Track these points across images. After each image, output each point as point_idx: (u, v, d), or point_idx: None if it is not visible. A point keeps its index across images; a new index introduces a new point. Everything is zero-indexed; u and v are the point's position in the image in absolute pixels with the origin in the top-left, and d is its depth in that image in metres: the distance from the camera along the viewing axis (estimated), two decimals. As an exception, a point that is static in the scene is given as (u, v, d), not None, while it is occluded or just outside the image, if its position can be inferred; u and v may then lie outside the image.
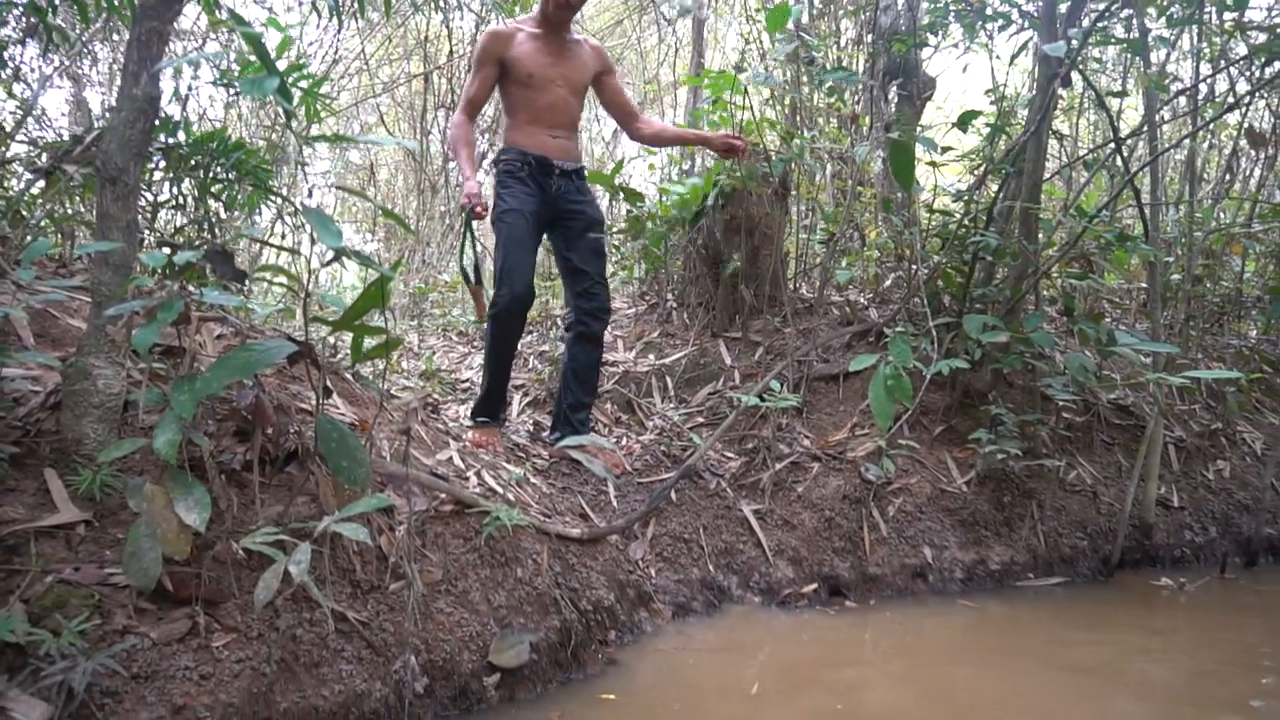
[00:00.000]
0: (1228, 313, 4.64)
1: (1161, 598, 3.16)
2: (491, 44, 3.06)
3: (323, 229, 1.50)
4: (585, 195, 3.21)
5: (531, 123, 3.10)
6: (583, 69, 3.16)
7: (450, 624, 2.16)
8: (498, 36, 3.05)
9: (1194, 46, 4.05)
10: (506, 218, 3.03)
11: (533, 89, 3.07)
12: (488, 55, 3.06)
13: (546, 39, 3.09)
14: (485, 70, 3.06)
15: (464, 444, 2.91)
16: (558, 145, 3.12)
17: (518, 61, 3.05)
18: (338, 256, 1.66)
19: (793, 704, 2.21)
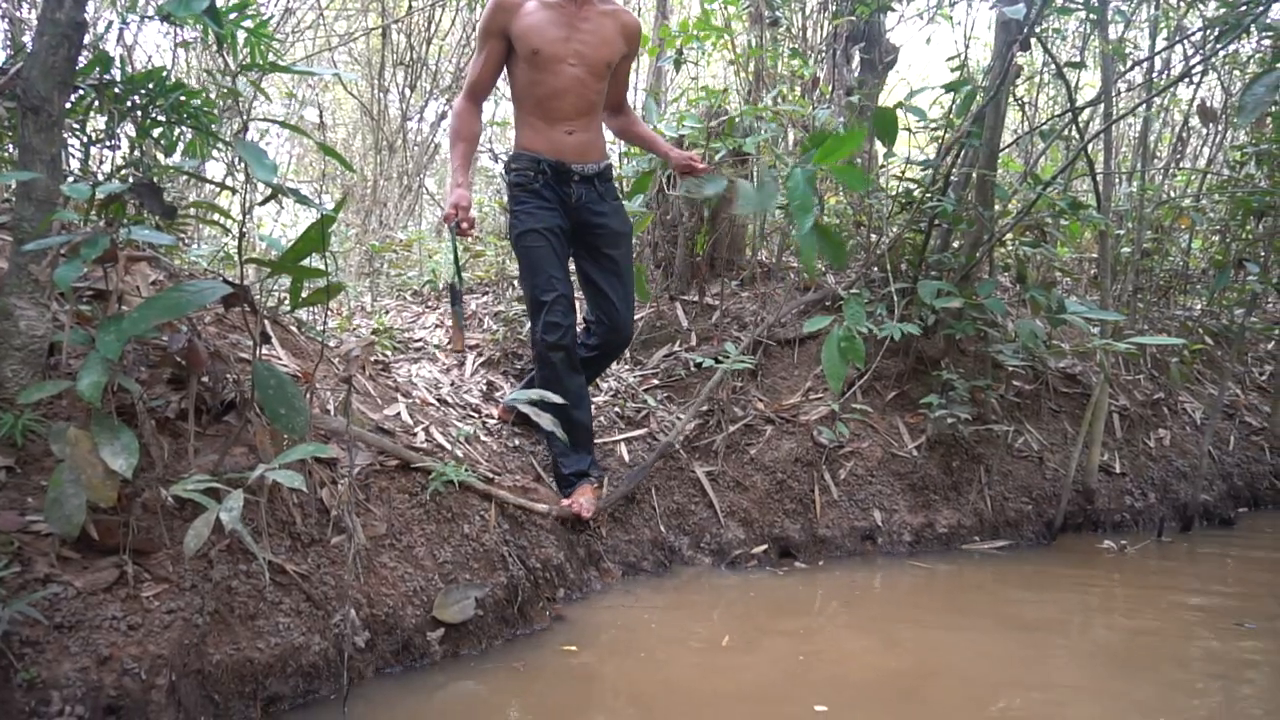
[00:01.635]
0: (1174, 286, 4.73)
1: (1102, 560, 3.23)
2: (495, 14, 2.62)
3: (257, 163, 1.44)
4: (610, 203, 2.82)
5: (539, 114, 2.69)
6: (605, 45, 2.69)
7: (394, 578, 2.12)
8: (502, 8, 2.60)
9: (1150, 18, 4.08)
10: (527, 240, 2.66)
11: (539, 69, 2.63)
12: (492, 28, 2.64)
13: (563, 7, 2.63)
14: (489, 46, 2.65)
15: (413, 401, 2.86)
16: (574, 144, 2.71)
17: (524, 34, 2.60)
18: (274, 194, 1.59)
19: (756, 654, 2.24)
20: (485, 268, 4.64)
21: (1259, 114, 1.88)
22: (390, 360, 3.53)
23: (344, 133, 10.57)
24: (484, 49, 2.69)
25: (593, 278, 2.83)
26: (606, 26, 2.70)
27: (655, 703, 1.97)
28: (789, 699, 1.96)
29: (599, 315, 2.86)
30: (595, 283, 2.83)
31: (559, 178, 2.72)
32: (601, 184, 2.79)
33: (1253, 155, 4.17)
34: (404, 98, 7.80)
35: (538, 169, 2.70)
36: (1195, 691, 2.02)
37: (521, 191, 2.70)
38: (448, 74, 8.04)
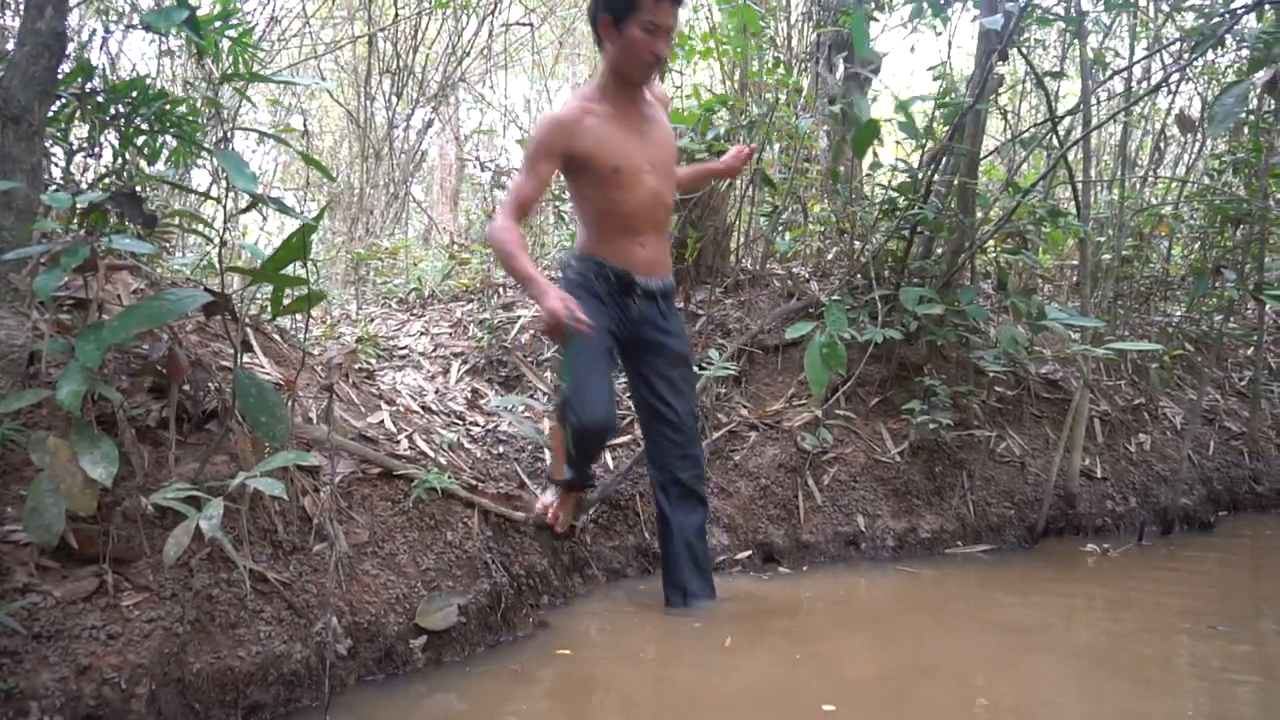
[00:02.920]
0: (1155, 292, 4.78)
1: (1084, 564, 3.26)
2: (555, 136, 2.36)
3: (237, 172, 1.45)
4: (672, 322, 2.60)
5: (621, 231, 2.46)
6: (669, 141, 2.54)
7: (376, 586, 2.12)
8: (562, 126, 2.36)
9: (1130, 25, 4.14)
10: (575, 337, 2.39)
11: (620, 188, 2.41)
12: (550, 150, 2.37)
13: (623, 113, 2.43)
14: (544, 167, 2.38)
15: (397, 408, 2.86)
16: (645, 257, 2.50)
17: (596, 154, 2.38)
18: (254, 203, 1.60)
19: (755, 655, 2.24)
20: (470, 276, 4.65)
21: (1229, 124, 1.91)
22: (374, 368, 3.53)
23: (330, 140, 10.57)
24: (537, 169, 2.38)
25: (653, 401, 2.58)
26: (661, 117, 2.55)
27: (660, 703, 1.98)
28: (795, 698, 1.97)
29: (669, 439, 2.57)
30: (656, 406, 2.57)
31: (623, 288, 2.48)
32: (664, 302, 2.58)
33: (1230, 164, 4.22)
34: (390, 105, 7.80)
35: (600, 272, 2.47)
36: (1179, 691, 2.05)
37: (579, 289, 2.43)
38: (434, 82, 8.06)
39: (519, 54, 9.63)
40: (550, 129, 2.38)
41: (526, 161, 2.40)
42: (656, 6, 2.29)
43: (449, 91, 8.31)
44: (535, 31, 8.70)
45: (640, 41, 2.32)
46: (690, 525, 2.58)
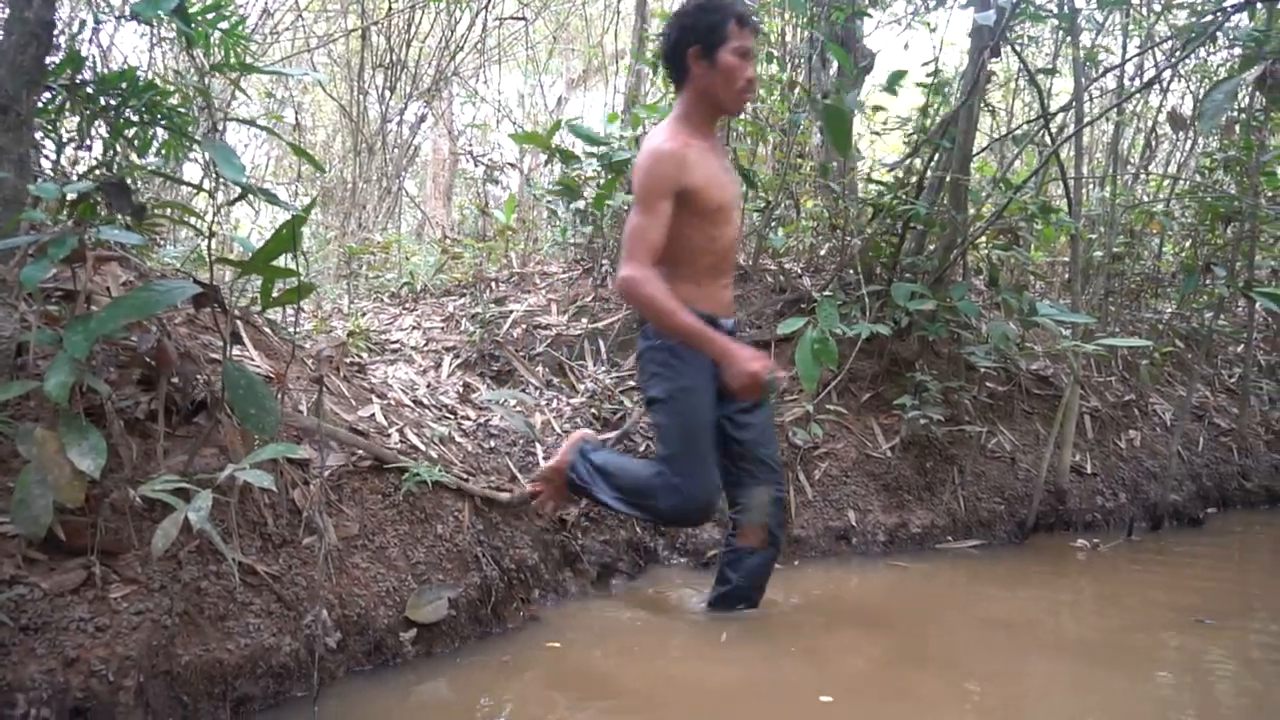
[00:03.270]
0: (1145, 289, 4.80)
1: (1074, 559, 3.28)
2: (670, 171, 2.19)
3: (225, 163, 1.44)
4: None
5: (712, 271, 2.34)
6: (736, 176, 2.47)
7: (366, 579, 2.12)
8: (675, 159, 2.20)
9: (1123, 23, 4.15)
10: (681, 398, 2.28)
11: (719, 224, 2.30)
12: (667, 186, 2.19)
13: (711, 146, 2.33)
14: (663, 206, 2.18)
15: (388, 402, 2.85)
16: (728, 299, 2.45)
17: (704, 189, 2.23)
18: (244, 194, 1.60)
19: (749, 647, 2.24)
20: (462, 270, 4.64)
21: (1218, 120, 1.92)
22: (366, 362, 3.52)
23: (324, 135, 10.54)
24: (657, 210, 2.18)
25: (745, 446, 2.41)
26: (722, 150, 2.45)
27: (654, 695, 1.99)
28: (792, 690, 1.98)
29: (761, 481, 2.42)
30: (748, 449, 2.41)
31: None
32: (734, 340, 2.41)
33: (1221, 162, 4.24)
34: (383, 100, 7.78)
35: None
36: (1165, 685, 2.06)
37: (680, 345, 2.26)
38: (427, 76, 8.04)
39: (513, 48, 9.61)
40: (665, 163, 2.20)
41: (642, 202, 2.19)
42: (742, 32, 2.24)
43: (442, 86, 8.29)
44: (529, 26, 8.69)
45: (735, 68, 2.23)
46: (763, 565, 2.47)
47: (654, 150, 2.24)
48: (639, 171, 2.23)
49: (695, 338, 2.16)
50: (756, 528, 2.38)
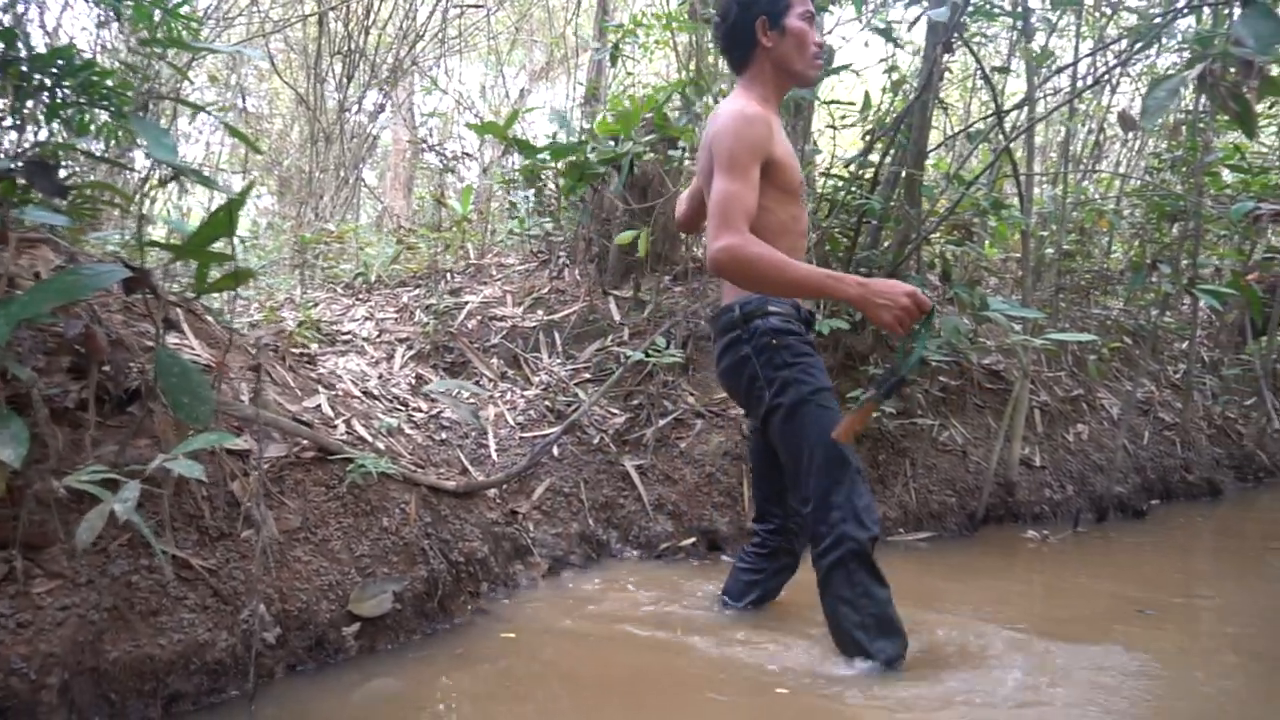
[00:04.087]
0: (1096, 286, 4.89)
1: (1023, 550, 3.32)
2: (764, 133, 2.02)
3: (154, 142, 1.39)
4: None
5: (793, 255, 2.09)
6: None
7: (308, 573, 2.07)
8: (766, 124, 2.03)
9: (1075, 25, 4.21)
10: (820, 401, 2.05)
11: (797, 204, 2.15)
12: (760, 150, 2.01)
13: (779, 123, 2.16)
14: (755, 172, 1.99)
15: (336, 393, 2.80)
16: None
17: (786, 165, 2.08)
18: (176, 175, 1.54)
19: (704, 638, 2.22)
20: (418, 261, 4.58)
21: (1160, 117, 1.95)
22: (317, 353, 3.46)
23: (280, 123, 10.35)
24: (750, 174, 1.98)
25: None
26: None
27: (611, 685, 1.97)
28: (747, 681, 1.96)
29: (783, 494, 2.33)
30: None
31: (807, 326, 2.21)
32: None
33: (1169, 162, 4.33)
34: (341, 88, 7.64)
35: (798, 316, 2.16)
36: (1107, 671, 2.09)
37: (796, 340, 2.10)
38: (386, 65, 7.91)
39: (474, 39, 9.51)
40: (757, 125, 2.01)
41: (734, 167, 1.97)
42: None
43: (401, 75, 8.17)
44: (491, 16, 8.60)
45: (805, 32, 2.11)
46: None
47: (741, 113, 2.03)
48: (727, 135, 2.01)
49: (825, 285, 1.87)
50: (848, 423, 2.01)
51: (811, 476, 2.03)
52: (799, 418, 2.05)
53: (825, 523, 2.00)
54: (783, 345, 2.09)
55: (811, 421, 2.03)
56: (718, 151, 2.00)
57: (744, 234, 1.90)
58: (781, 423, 2.08)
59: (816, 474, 2.02)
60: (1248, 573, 3.17)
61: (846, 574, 1.99)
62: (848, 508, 1.99)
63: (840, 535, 1.98)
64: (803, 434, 2.04)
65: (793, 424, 2.06)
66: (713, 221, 1.94)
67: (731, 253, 1.89)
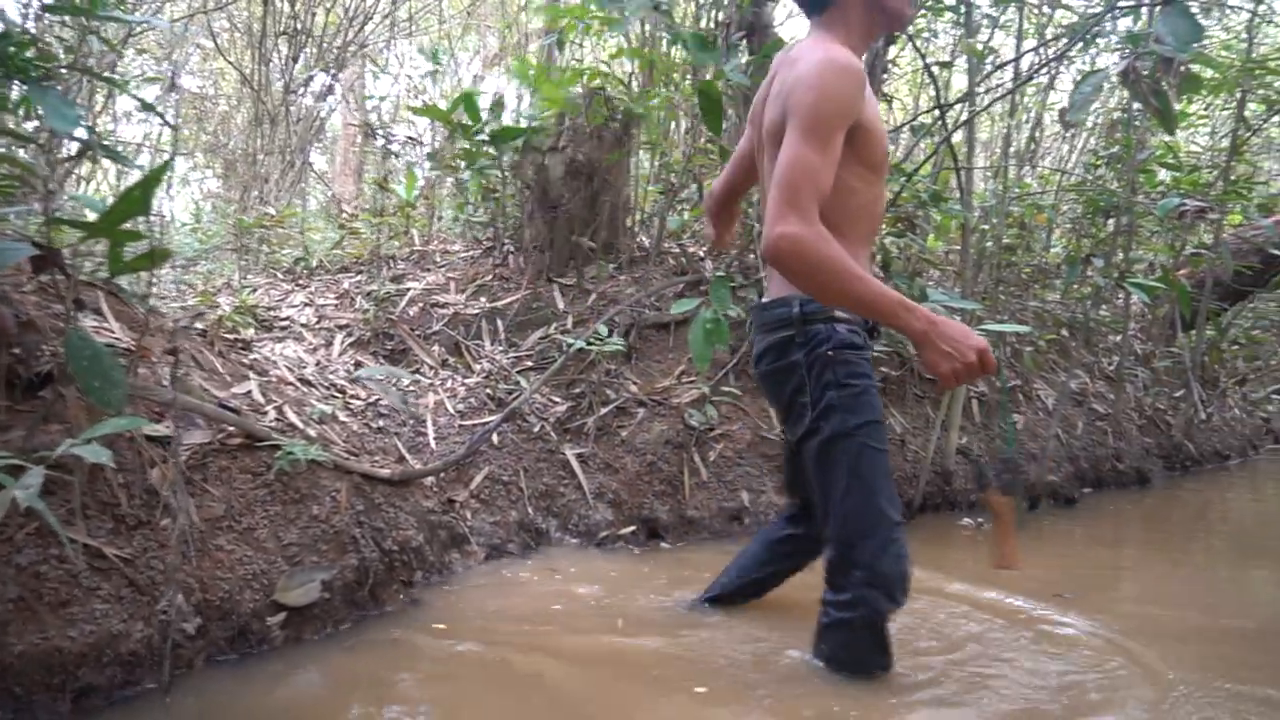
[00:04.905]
0: (1036, 280, 5.00)
1: (959, 538, 3.39)
2: (856, 92, 1.66)
3: (54, 112, 1.34)
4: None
5: (868, 241, 1.88)
6: None
7: (231, 561, 2.03)
8: (860, 79, 1.67)
9: (1017, 22, 4.28)
10: (874, 437, 1.77)
11: (880, 182, 1.84)
12: (849, 113, 1.66)
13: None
14: (839, 141, 1.65)
15: (269, 379, 2.74)
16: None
17: (875, 131, 1.75)
18: (84, 151, 1.49)
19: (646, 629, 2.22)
20: (358, 246, 4.51)
21: (1085, 110, 1.99)
22: (253, 338, 3.38)
23: (225, 104, 10.09)
24: (832, 143, 1.63)
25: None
26: None
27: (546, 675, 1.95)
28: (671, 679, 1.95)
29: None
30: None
31: (869, 331, 1.89)
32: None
33: (1105, 159, 4.43)
34: (287, 69, 7.47)
35: (864, 325, 1.84)
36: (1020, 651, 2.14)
37: (857, 357, 1.79)
38: (334, 47, 7.75)
39: (426, 22, 9.37)
40: (852, 80, 1.63)
41: (816, 129, 1.60)
42: None
43: (350, 58, 8.01)
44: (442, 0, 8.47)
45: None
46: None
47: (833, 61, 1.63)
48: (810, 87, 1.62)
49: (892, 312, 1.58)
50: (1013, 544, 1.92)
51: (839, 521, 1.78)
52: (838, 451, 1.76)
53: (845, 577, 1.78)
54: (841, 360, 1.76)
55: (852, 459, 1.75)
56: (795, 106, 1.63)
57: (815, 222, 1.57)
58: (818, 450, 1.79)
59: (846, 521, 1.77)
60: (1170, 558, 3.27)
61: (849, 638, 1.82)
62: (874, 572, 1.74)
63: (859, 598, 1.76)
64: (838, 470, 1.76)
65: (829, 456, 1.77)
66: (778, 196, 1.58)
67: (798, 245, 1.56)
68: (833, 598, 1.83)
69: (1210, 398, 5.26)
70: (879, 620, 1.79)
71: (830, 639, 1.86)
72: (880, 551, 1.75)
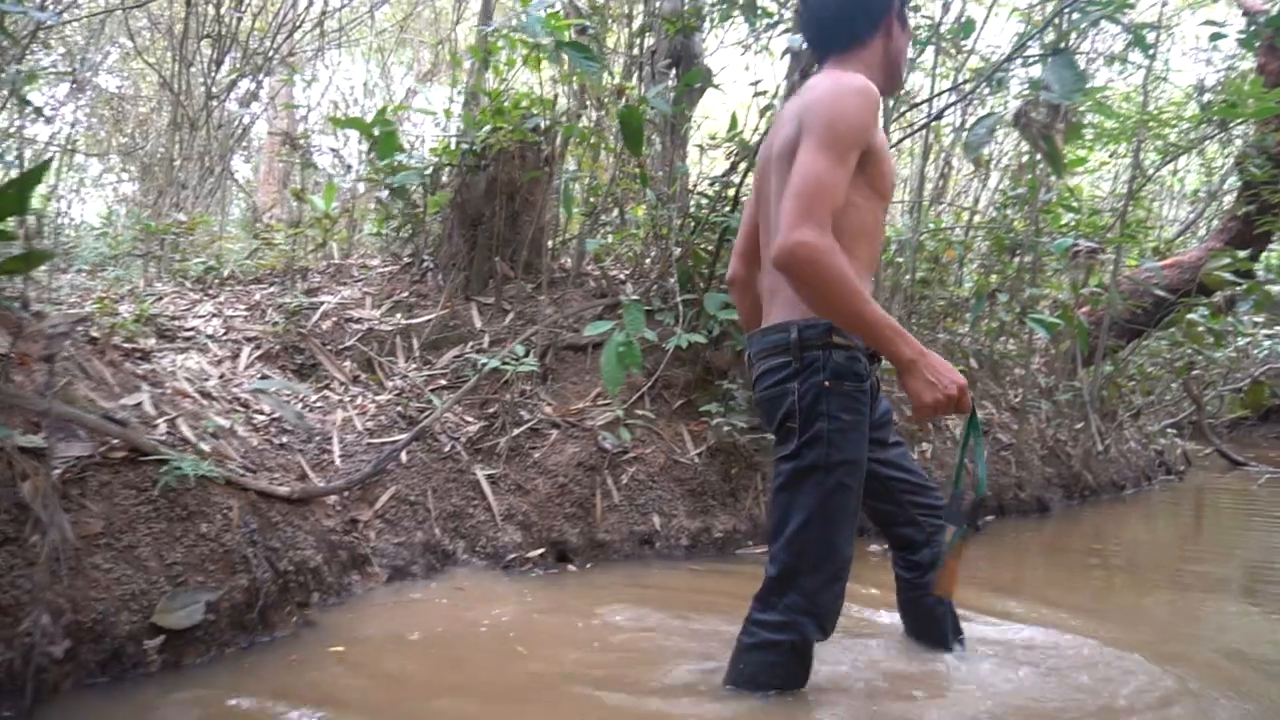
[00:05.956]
0: (947, 313, 5.16)
1: (867, 562, 3.44)
2: (873, 113, 1.72)
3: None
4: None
5: (871, 266, 1.88)
6: None
7: (108, 581, 1.94)
8: (876, 102, 1.74)
9: (932, 64, 4.45)
10: (842, 477, 1.76)
11: (883, 208, 1.88)
12: (864, 132, 1.71)
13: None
14: (854, 158, 1.70)
15: (164, 391, 2.64)
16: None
17: (883, 157, 1.80)
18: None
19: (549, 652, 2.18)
20: (274, 257, 4.40)
21: (978, 150, 2.07)
22: (153, 348, 3.26)
23: (146, 106, 9.78)
24: (848, 159, 1.68)
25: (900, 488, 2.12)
26: None
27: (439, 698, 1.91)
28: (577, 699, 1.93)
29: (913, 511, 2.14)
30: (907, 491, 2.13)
31: (871, 358, 1.85)
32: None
33: (1012, 199, 4.63)
34: (209, 74, 7.28)
35: (864, 350, 1.81)
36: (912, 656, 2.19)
37: (854, 388, 1.77)
38: (261, 53, 7.58)
39: (359, 34, 9.26)
40: (869, 103, 1.70)
41: (834, 145, 1.65)
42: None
43: (276, 65, 7.85)
44: (374, 11, 8.38)
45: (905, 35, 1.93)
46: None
47: (850, 84, 1.71)
48: (827, 106, 1.69)
49: (888, 337, 1.63)
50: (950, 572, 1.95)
51: (793, 549, 1.77)
52: (809, 483, 1.76)
53: (781, 599, 1.78)
54: (838, 392, 1.75)
55: (823, 494, 1.75)
56: (813, 123, 1.68)
57: (829, 234, 1.60)
58: (791, 474, 1.78)
59: (800, 551, 1.77)
60: (1066, 583, 3.39)
61: (774, 660, 1.81)
62: (813, 602, 1.77)
63: (791, 622, 1.78)
64: (805, 500, 1.76)
65: (802, 485, 1.77)
66: (794, 205, 1.61)
67: (814, 253, 1.59)
68: (762, 617, 1.82)
69: (1108, 430, 5.50)
70: (805, 647, 1.81)
71: (753, 659, 1.83)
72: (825, 586, 1.78)
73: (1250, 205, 5.53)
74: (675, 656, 2.19)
